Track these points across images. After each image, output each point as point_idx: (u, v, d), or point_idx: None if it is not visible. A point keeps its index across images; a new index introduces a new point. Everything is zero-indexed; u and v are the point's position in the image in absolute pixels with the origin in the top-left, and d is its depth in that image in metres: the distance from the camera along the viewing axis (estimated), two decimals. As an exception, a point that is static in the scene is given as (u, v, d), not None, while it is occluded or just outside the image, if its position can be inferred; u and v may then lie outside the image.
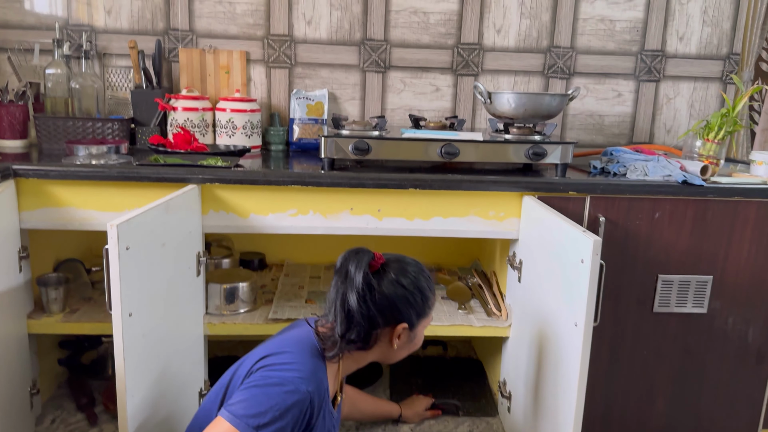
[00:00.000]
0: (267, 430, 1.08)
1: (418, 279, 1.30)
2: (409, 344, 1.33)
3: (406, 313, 1.28)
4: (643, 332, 1.80)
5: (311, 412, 1.14)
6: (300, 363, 1.16)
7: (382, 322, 1.26)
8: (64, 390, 1.99)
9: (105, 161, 1.71)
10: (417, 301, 1.29)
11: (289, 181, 1.66)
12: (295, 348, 1.20)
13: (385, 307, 1.25)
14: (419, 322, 1.31)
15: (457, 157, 1.76)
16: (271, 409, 1.08)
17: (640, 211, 1.73)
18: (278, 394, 1.10)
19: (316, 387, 1.14)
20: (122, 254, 1.24)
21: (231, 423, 1.08)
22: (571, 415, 1.38)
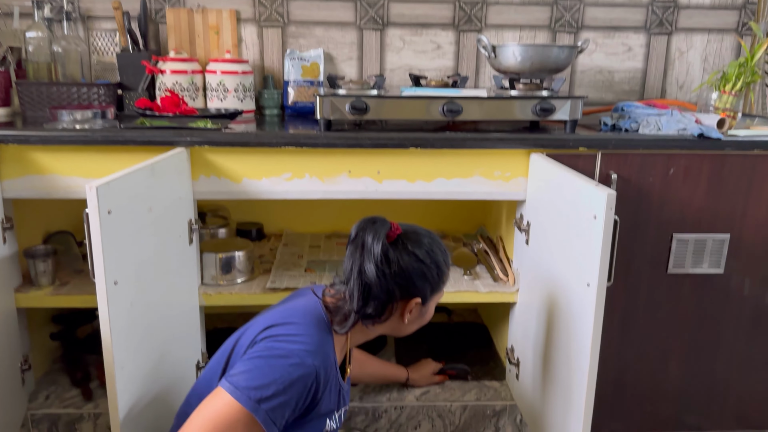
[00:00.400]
0: (269, 403, 1.01)
1: (434, 253, 1.22)
2: (420, 319, 1.26)
3: (421, 288, 1.21)
4: (656, 294, 1.72)
5: (317, 386, 1.08)
6: (306, 335, 1.09)
7: (399, 295, 1.19)
8: (58, 365, 1.94)
9: (90, 126, 1.63)
10: (433, 275, 1.22)
11: (282, 143, 1.58)
12: (301, 319, 1.14)
13: (402, 280, 1.18)
14: (432, 297, 1.25)
15: (460, 116, 1.66)
16: (275, 382, 1.02)
17: (653, 167, 1.64)
18: (283, 366, 1.04)
19: (322, 361, 1.08)
20: (104, 218, 1.17)
21: (232, 395, 1.01)
22: (584, 380, 1.31)
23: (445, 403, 1.81)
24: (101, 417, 1.72)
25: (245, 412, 1.00)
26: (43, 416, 1.71)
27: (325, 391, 1.11)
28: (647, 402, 1.81)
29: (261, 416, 1.00)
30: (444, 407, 1.80)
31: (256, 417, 1.00)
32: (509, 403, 1.81)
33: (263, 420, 1.01)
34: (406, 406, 1.80)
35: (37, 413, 1.71)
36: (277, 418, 1.02)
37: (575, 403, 1.37)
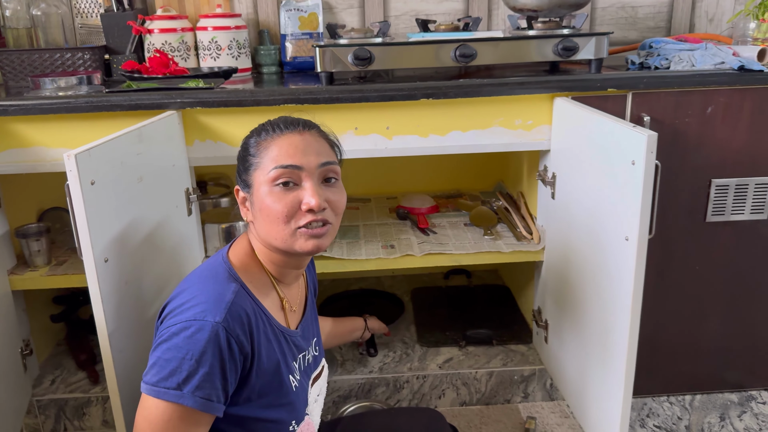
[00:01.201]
0: (189, 384, 0.88)
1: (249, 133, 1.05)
2: (261, 212, 0.99)
3: (237, 175, 1.05)
4: (694, 245, 1.59)
5: (237, 341, 0.91)
6: (199, 295, 0.93)
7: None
8: (62, 348, 1.85)
9: (74, 93, 1.50)
10: (240, 154, 1.04)
11: (281, 100, 1.44)
12: (194, 281, 0.97)
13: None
14: (246, 178, 1.01)
15: (474, 60, 1.52)
16: (184, 361, 0.88)
17: (689, 106, 1.49)
18: (184, 341, 0.88)
19: (227, 312, 0.91)
20: (86, 190, 1.05)
21: (151, 395, 0.89)
22: (625, 341, 1.20)
23: (469, 370, 1.71)
24: (110, 400, 1.64)
25: (172, 406, 0.88)
26: (49, 402, 1.64)
27: (254, 341, 0.95)
28: (684, 360, 1.69)
29: (189, 401, 0.88)
30: (469, 375, 1.70)
31: (185, 404, 0.88)
32: (538, 367, 1.70)
33: (194, 404, 0.88)
34: (428, 375, 1.70)
35: (42, 399, 1.64)
36: (209, 394, 0.89)
37: (614, 366, 1.26)
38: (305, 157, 0.97)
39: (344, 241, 1.73)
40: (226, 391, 0.92)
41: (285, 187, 0.96)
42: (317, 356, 1.17)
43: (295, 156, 0.97)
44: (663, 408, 1.68)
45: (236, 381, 0.94)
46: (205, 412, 0.89)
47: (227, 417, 0.95)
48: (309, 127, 1.02)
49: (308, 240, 0.98)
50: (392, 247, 1.68)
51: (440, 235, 1.75)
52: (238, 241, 1.06)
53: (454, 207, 1.98)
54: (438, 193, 2.11)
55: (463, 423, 1.65)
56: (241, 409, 0.97)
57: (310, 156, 0.97)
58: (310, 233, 0.97)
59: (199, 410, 0.89)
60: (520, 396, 1.72)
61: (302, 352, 1.09)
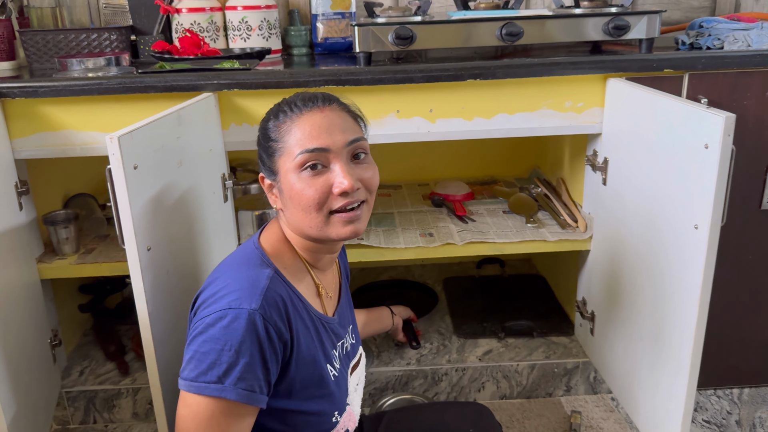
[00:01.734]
0: (230, 376, 0.83)
1: (266, 115, 0.98)
2: (291, 201, 0.93)
3: (259, 161, 0.99)
4: (748, 233, 1.53)
5: (276, 328, 0.86)
6: (232, 283, 0.88)
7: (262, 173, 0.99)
8: (90, 338, 1.81)
9: (105, 74, 1.44)
10: (259, 140, 0.98)
11: (321, 81, 1.38)
12: (225, 270, 0.93)
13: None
14: (270, 165, 0.95)
15: (521, 39, 1.45)
16: (223, 352, 0.83)
17: (748, 88, 1.42)
18: (221, 332, 0.84)
19: (262, 299, 0.86)
20: (129, 174, 1.00)
21: (191, 391, 0.84)
22: (690, 334, 1.15)
23: (510, 363, 1.65)
24: (140, 392, 1.59)
25: (214, 401, 0.83)
26: (78, 393, 1.59)
27: (292, 327, 0.90)
28: (733, 353, 1.63)
29: (232, 394, 0.83)
30: (509, 367, 1.65)
31: (228, 397, 0.83)
32: (582, 360, 1.65)
33: (237, 396, 0.83)
34: (468, 367, 1.65)
35: (72, 391, 1.59)
36: (251, 385, 0.84)
37: (673, 359, 1.21)
38: (331, 137, 0.90)
39: (380, 229, 1.67)
40: (269, 382, 0.87)
41: (313, 171, 0.90)
42: (354, 344, 1.12)
43: (320, 137, 0.90)
44: (711, 402, 1.63)
45: (278, 370, 0.89)
46: (249, 404, 0.85)
47: (268, 411, 0.91)
48: (328, 101, 0.95)
49: (345, 226, 0.92)
50: (431, 236, 1.62)
51: (479, 223, 1.69)
52: (268, 227, 1.01)
53: (489, 194, 1.92)
54: (471, 180, 2.05)
55: (504, 417, 1.60)
56: (282, 402, 0.92)
57: (336, 135, 0.90)
58: (345, 218, 0.91)
59: (242, 403, 0.84)
60: (562, 389, 1.67)
61: (340, 340, 1.04)
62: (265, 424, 0.92)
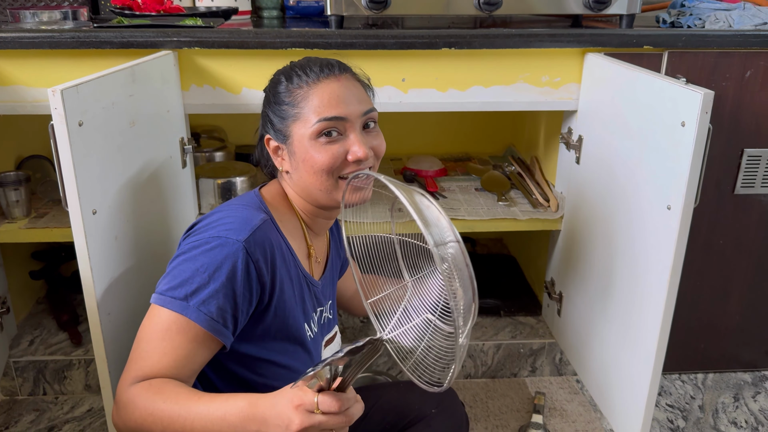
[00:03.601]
0: (197, 297, 0.83)
1: (274, 77, 0.98)
2: (303, 164, 0.92)
3: (265, 124, 0.98)
4: (720, 218, 1.51)
5: (257, 266, 0.86)
6: (226, 217, 0.89)
7: (267, 137, 0.99)
8: (42, 306, 1.74)
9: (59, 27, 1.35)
10: (269, 101, 0.97)
11: (288, 43, 1.31)
12: (224, 207, 0.94)
13: (262, 120, 1.00)
14: (286, 128, 0.93)
15: (500, 10, 1.39)
16: (197, 273, 0.84)
17: (727, 69, 1.39)
18: (202, 254, 0.85)
19: (251, 236, 0.86)
20: (74, 131, 0.93)
21: (158, 303, 0.85)
22: (658, 318, 1.12)
23: (476, 342, 1.62)
24: (93, 363, 1.53)
25: (174, 315, 0.83)
26: (27, 363, 1.52)
27: (275, 274, 0.90)
28: (698, 338, 1.62)
29: (192, 314, 0.83)
30: (475, 346, 1.62)
31: (187, 316, 0.83)
32: (548, 341, 1.63)
33: (196, 317, 0.83)
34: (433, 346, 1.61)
35: (20, 360, 1.52)
36: (213, 312, 0.83)
37: (641, 342, 1.18)
38: (348, 107, 0.92)
39: (348, 203, 1.62)
40: (236, 319, 0.86)
41: (329, 138, 0.91)
42: (332, 319, 1.11)
43: (338, 106, 0.91)
44: (675, 386, 1.62)
45: (249, 312, 0.89)
46: (208, 331, 0.84)
47: (239, 356, 0.91)
48: (344, 69, 0.96)
49: (355, 192, 0.92)
50: (400, 211, 1.57)
51: (451, 200, 1.65)
52: (270, 183, 1.02)
53: (463, 171, 1.88)
54: (446, 156, 2.00)
55: (468, 396, 1.57)
56: (255, 349, 0.92)
57: (353, 105, 0.92)
58: (356, 184, 0.91)
59: (201, 327, 0.83)
60: (527, 370, 1.65)
61: (321, 307, 1.04)
62: (234, 369, 0.92)
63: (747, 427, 1.50)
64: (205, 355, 0.86)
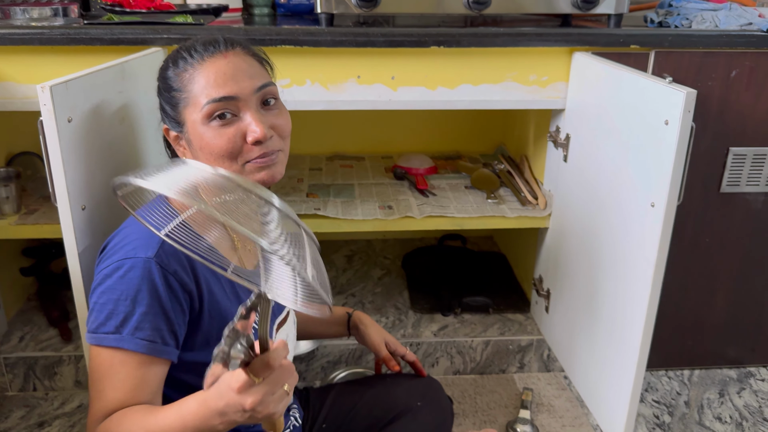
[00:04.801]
0: (129, 325, 0.80)
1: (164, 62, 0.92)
2: (200, 151, 0.88)
3: (161, 113, 0.94)
4: (706, 216, 1.52)
5: (177, 277, 0.83)
6: (131, 234, 0.85)
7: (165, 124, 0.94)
8: (33, 303, 1.74)
9: (49, 24, 1.36)
10: (159, 86, 0.93)
11: (278, 40, 1.32)
12: (129, 221, 0.88)
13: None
14: (179, 114, 0.89)
15: (489, 9, 1.40)
16: (119, 302, 0.81)
17: (713, 69, 1.40)
18: (117, 282, 0.81)
19: (160, 249, 0.82)
20: (63, 127, 0.93)
21: (93, 343, 0.82)
22: (642, 314, 1.14)
23: (465, 338, 1.64)
24: (83, 359, 1.54)
25: (112, 351, 0.81)
26: (17, 360, 1.53)
27: (199, 278, 0.86)
28: (685, 334, 1.64)
29: (129, 344, 0.80)
30: (464, 343, 1.63)
31: (125, 347, 0.80)
32: (536, 337, 1.64)
33: (134, 346, 0.80)
34: (422, 342, 1.63)
35: (10, 357, 1.53)
36: (151, 335, 0.81)
37: (626, 338, 1.20)
38: (237, 84, 0.86)
39: (339, 200, 1.63)
40: (174, 333, 0.84)
41: (222, 120, 0.86)
42: None
43: (226, 85, 0.85)
44: (662, 382, 1.64)
45: (185, 322, 0.86)
46: (150, 355, 0.81)
47: (186, 365, 0.87)
48: (231, 45, 0.89)
49: (260, 171, 0.89)
50: (390, 208, 1.58)
51: (440, 197, 1.66)
52: None
53: (453, 169, 1.89)
54: (436, 154, 2.01)
55: (457, 392, 1.58)
56: (199, 355, 0.88)
57: (243, 81, 0.86)
58: (260, 163, 0.88)
59: (143, 353, 0.81)
60: (515, 366, 1.66)
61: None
62: (187, 380, 0.89)
63: (731, 423, 1.52)
64: (159, 374, 0.84)
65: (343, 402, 1.21)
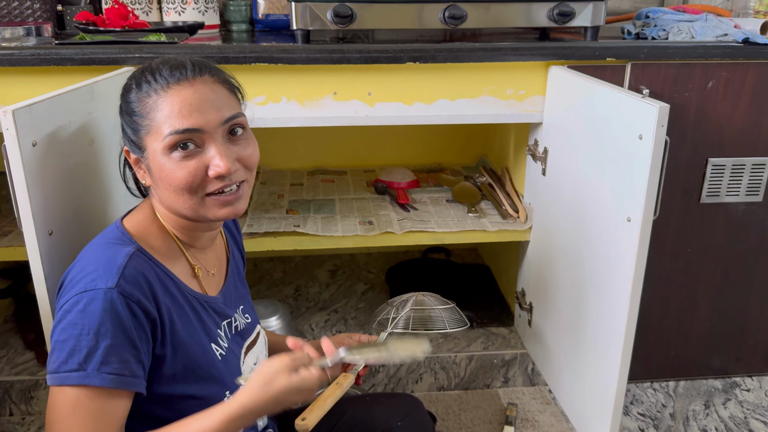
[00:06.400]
0: (93, 360, 0.76)
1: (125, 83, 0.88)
2: (160, 180, 0.85)
3: (122, 134, 0.90)
4: (687, 226, 1.52)
5: (140, 305, 0.79)
6: (88, 266, 0.81)
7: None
8: (9, 325, 1.71)
9: (19, 44, 1.34)
10: (121, 111, 0.88)
11: (251, 58, 1.31)
12: (85, 253, 0.86)
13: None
14: (140, 140, 0.85)
15: (464, 23, 1.40)
16: (81, 337, 0.76)
17: (689, 80, 1.41)
18: (78, 316, 0.77)
19: (119, 276, 0.78)
20: (26, 151, 0.91)
21: (56, 384, 0.77)
22: (621, 329, 1.13)
23: (448, 354, 1.62)
24: (60, 383, 1.51)
25: (77, 390, 0.76)
26: (-8, 384, 1.50)
27: (161, 308, 0.83)
28: (669, 345, 1.64)
29: (95, 380, 0.76)
30: (448, 359, 1.62)
31: (91, 384, 0.76)
32: (520, 351, 1.63)
33: (101, 381, 0.76)
34: (405, 357, 1.61)
35: (-15, 381, 1.50)
36: (117, 368, 0.77)
37: (607, 352, 1.19)
38: (203, 115, 0.82)
39: (319, 216, 1.61)
40: (142, 363, 0.80)
41: (185, 151, 0.82)
42: (250, 323, 1.03)
43: (191, 116, 0.81)
44: (647, 394, 1.63)
45: (149, 350, 0.82)
46: (119, 388, 0.78)
47: (155, 398, 0.84)
48: (199, 70, 0.84)
49: (222, 208, 0.85)
50: (370, 224, 1.57)
51: (421, 212, 1.65)
52: (138, 207, 0.93)
53: (435, 182, 1.88)
54: (418, 167, 2.00)
55: (441, 408, 1.57)
56: (168, 387, 0.85)
57: (209, 113, 0.82)
58: (222, 201, 0.85)
59: (110, 388, 0.77)
60: (500, 381, 1.65)
61: (226, 319, 0.97)
62: (154, 412, 0.85)
63: (717, 435, 1.51)
64: (125, 408, 0.80)
65: (321, 423, 1.19)
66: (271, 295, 1.92)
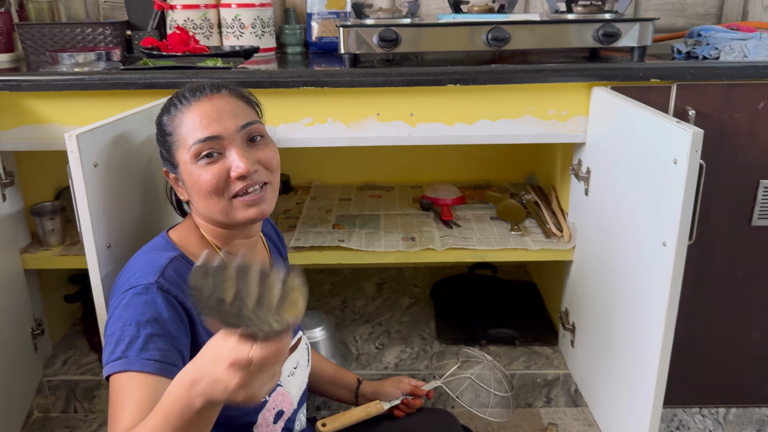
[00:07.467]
0: (134, 348, 0.83)
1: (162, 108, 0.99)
2: (192, 189, 0.94)
3: (161, 158, 1.00)
4: (738, 250, 1.48)
5: (179, 300, 0.87)
6: (134, 266, 0.91)
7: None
8: (78, 328, 1.84)
9: (90, 69, 1.46)
10: (157, 137, 0.99)
11: (300, 82, 1.37)
12: (133, 259, 0.95)
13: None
14: (173, 157, 0.95)
15: (508, 44, 1.42)
16: (125, 328, 0.84)
17: (739, 100, 1.37)
18: (122, 311, 0.86)
19: (161, 276, 0.87)
20: (88, 172, 1.01)
21: (107, 374, 0.84)
22: (657, 350, 1.11)
23: (489, 371, 1.63)
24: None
25: (122, 375, 0.82)
26: (60, 383, 1.62)
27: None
28: (720, 371, 1.59)
29: (135, 365, 0.82)
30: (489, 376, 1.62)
31: (132, 369, 0.82)
32: (563, 371, 1.62)
33: (141, 366, 0.82)
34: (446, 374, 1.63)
35: (53, 380, 1.62)
36: (158, 356, 0.83)
37: (644, 375, 1.17)
38: (221, 123, 0.92)
39: (363, 231, 1.66)
40: (181, 353, 0.86)
41: (209, 159, 0.91)
42: None
43: (210, 125, 0.91)
44: (695, 420, 1.59)
45: (188, 345, 0.88)
46: (158, 374, 0.83)
47: None
48: (216, 89, 0.95)
49: (249, 208, 0.93)
50: (413, 240, 1.61)
51: (464, 229, 1.67)
52: (181, 222, 1.03)
53: (481, 199, 1.90)
54: (465, 183, 2.03)
55: (480, 426, 1.58)
56: None
57: (227, 121, 0.92)
58: (248, 201, 0.93)
59: (151, 373, 0.82)
60: (542, 400, 1.64)
61: None
62: None
63: (768, 466, 1.46)
64: None
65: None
66: (319, 306, 1.97)
